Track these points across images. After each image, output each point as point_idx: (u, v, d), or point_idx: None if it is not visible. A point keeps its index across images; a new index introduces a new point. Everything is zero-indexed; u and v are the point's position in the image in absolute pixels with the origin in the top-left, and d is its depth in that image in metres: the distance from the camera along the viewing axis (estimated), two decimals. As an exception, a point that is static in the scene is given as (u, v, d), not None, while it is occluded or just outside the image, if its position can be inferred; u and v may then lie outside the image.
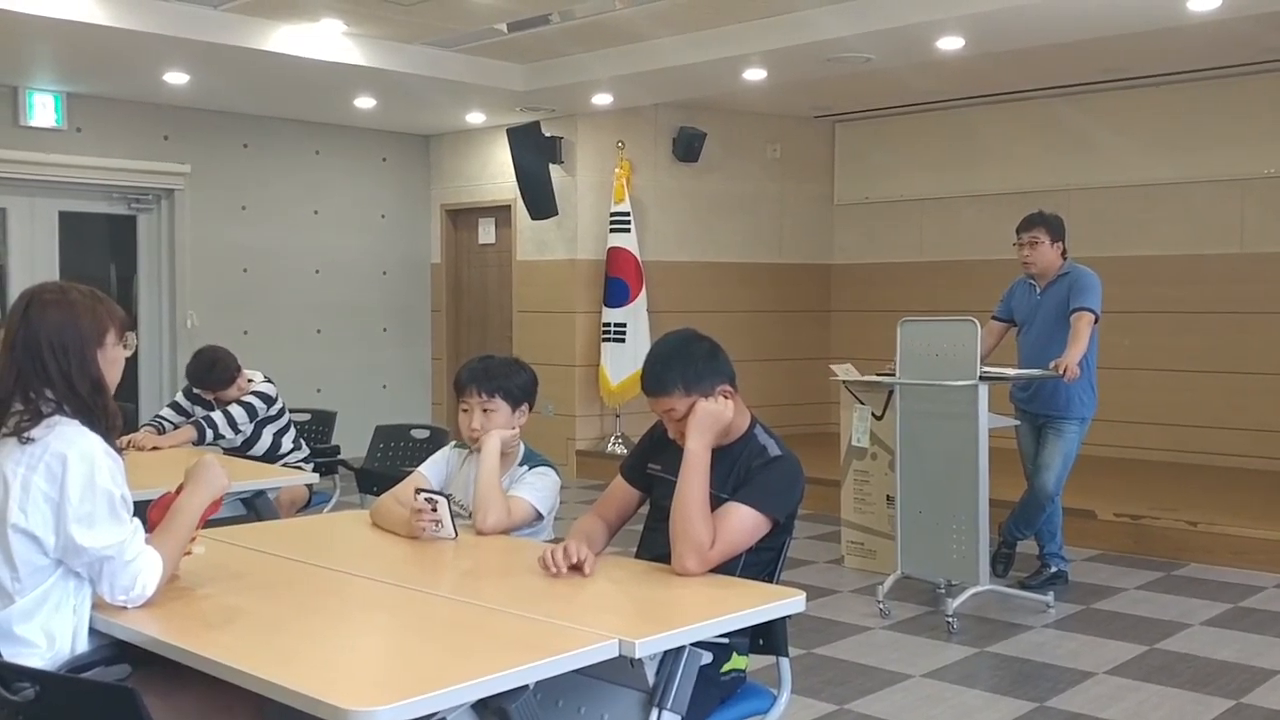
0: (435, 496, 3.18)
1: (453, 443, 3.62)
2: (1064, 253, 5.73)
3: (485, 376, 3.39)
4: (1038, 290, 5.76)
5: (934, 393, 5.35)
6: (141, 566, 2.45)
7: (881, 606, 5.42)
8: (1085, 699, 4.34)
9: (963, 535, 5.28)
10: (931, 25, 6.68)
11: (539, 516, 3.31)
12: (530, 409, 3.47)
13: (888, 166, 10.34)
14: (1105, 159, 9.05)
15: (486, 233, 10.34)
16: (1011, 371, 5.56)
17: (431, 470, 3.49)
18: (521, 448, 3.45)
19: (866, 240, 10.52)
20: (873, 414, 6.09)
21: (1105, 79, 8.62)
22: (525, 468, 3.40)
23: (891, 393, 5.71)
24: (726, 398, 2.88)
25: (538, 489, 3.33)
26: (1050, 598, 5.51)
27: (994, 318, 5.94)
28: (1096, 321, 5.51)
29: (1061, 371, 5.28)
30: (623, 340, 9.15)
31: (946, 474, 5.33)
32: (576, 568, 2.73)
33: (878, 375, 5.90)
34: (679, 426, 2.88)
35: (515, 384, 3.41)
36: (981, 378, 5.19)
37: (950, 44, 7.06)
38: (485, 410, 3.36)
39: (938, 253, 9.97)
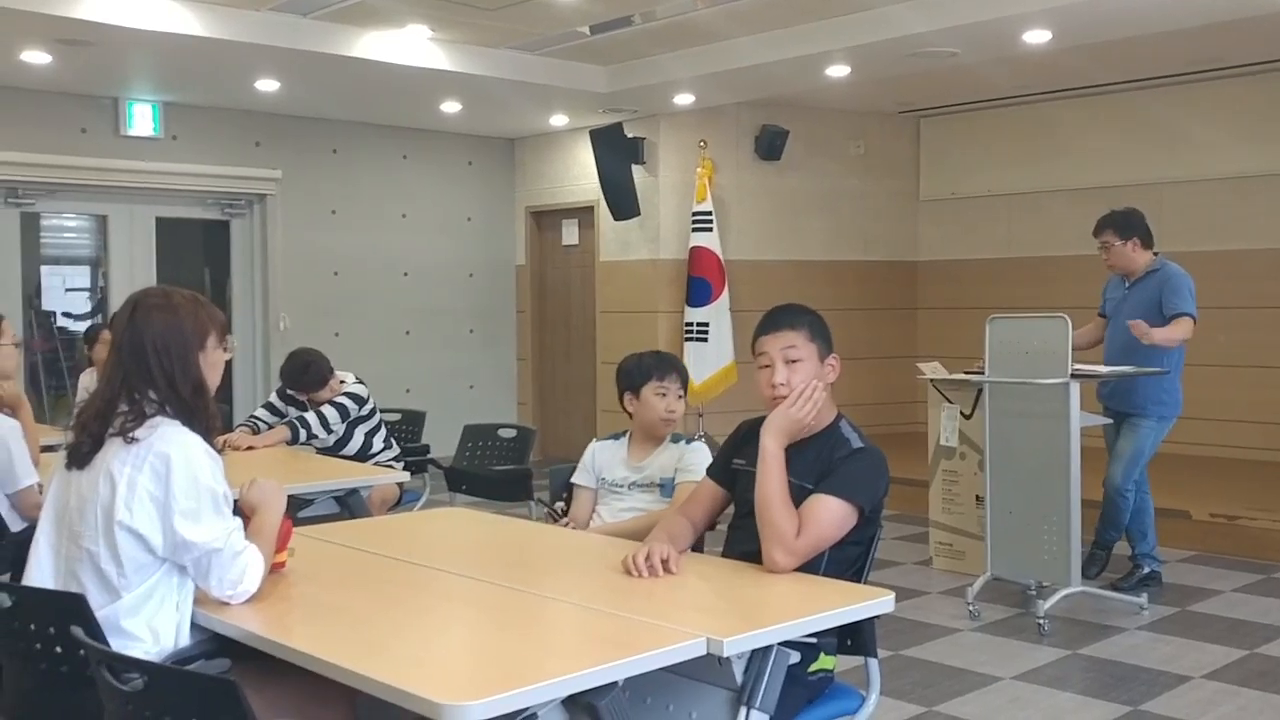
0: None
1: (594, 439, 3.80)
2: (1147, 246, 5.66)
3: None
4: (1126, 284, 5.68)
5: (1024, 391, 5.28)
6: (248, 560, 2.52)
7: (971, 608, 5.36)
8: (1182, 704, 4.25)
9: (1054, 536, 5.20)
10: (1018, 19, 6.58)
11: None
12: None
13: (974, 162, 10.21)
14: (1196, 152, 8.83)
15: (570, 234, 10.40)
16: (1104, 369, 5.47)
17: (585, 477, 3.71)
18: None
19: (953, 236, 10.39)
20: (961, 413, 6.02)
21: (1195, 70, 8.42)
22: (681, 444, 3.61)
23: (980, 391, 5.64)
24: (834, 369, 2.94)
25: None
26: (1144, 600, 5.40)
27: (1099, 313, 5.90)
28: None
29: (1140, 333, 5.25)
30: (705, 339, 9.15)
31: (1037, 474, 5.25)
32: (664, 565, 2.75)
33: (966, 373, 5.83)
34: (786, 374, 2.87)
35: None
36: (1073, 375, 5.11)
37: (1037, 37, 6.95)
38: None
39: (1026, 248, 9.81)
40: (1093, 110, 9.38)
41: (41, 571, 2.52)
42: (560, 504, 3.46)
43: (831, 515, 2.77)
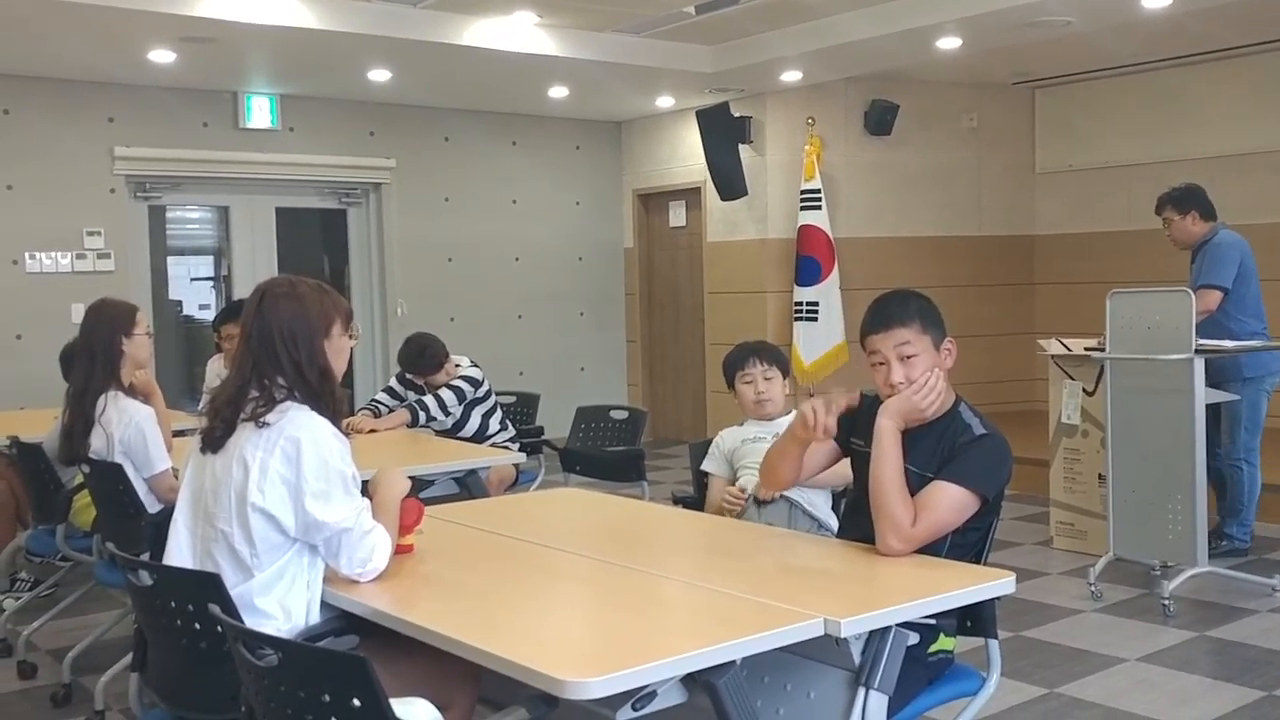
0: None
1: (721, 430, 3.85)
2: (1206, 218, 5.75)
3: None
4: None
5: (1147, 367, 5.14)
6: (376, 540, 2.59)
7: (1093, 588, 5.26)
8: (1318, 687, 4.12)
9: (1179, 515, 5.06)
10: (1138, -17, 6.40)
11: None
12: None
13: (1092, 132, 9.93)
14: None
15: (677, 215, 10.41)
16: (1230, 344, 5.31)
17: (716, 465, 3.75)
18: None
19: (1071, 209, 10.13)
20: (1084, 390, 5.89)
21: (1331, 29, 8.08)
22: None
23: (1102, 368, 5.52)
24: (950, 354, 2.87)
25: None
26: (1276, 581, 5.23)
27: None
28: (1226, 295, 5.53)
29: None
30: (815, 319, 9.09)
31: (1162, 451, 5.12)
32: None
33: (1087, 349, 5.71)
34: (903, 372, 2.81)
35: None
36: (1197, 351, 4.98)
37: (1156, 1, 6.73)
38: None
39: (1147, 220, 9.42)
40: (1215, 76, 9.05)
41: (180, 551, 2.62)
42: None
43: (951, 503, 2.72)
